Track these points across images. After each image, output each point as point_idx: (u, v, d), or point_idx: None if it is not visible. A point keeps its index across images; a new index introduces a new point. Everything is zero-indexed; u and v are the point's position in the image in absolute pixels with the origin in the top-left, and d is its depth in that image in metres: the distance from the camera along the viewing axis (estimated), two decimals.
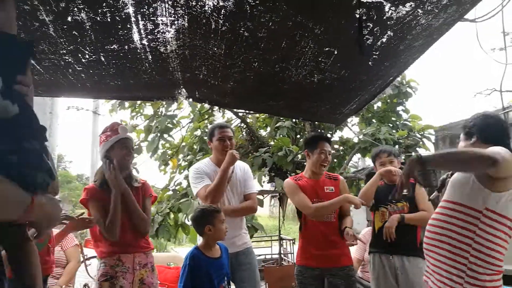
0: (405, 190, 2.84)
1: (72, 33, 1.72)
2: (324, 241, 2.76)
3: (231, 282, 2.49)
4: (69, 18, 1.63)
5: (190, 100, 2.96)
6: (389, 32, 1.93)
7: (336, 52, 2.09)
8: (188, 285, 2.30)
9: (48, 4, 1.51)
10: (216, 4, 1.70)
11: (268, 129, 6.96)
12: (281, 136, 6.09)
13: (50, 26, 1.64)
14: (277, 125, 6.23)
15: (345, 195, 2.76)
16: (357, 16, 1.71)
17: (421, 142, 5.99)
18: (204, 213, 2.37)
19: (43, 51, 1.82)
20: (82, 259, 3.74)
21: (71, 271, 3.36)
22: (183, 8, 1.72)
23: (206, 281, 2.32)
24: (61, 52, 1.86)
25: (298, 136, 6.50)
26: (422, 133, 6.04)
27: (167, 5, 1.69)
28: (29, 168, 0.91)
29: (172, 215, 5.19)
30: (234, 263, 2.64)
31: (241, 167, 2.92)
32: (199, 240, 2.50)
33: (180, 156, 6.15)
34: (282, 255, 6.42)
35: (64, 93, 2.53)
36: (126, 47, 1.92)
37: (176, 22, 1.81)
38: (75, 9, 1.58)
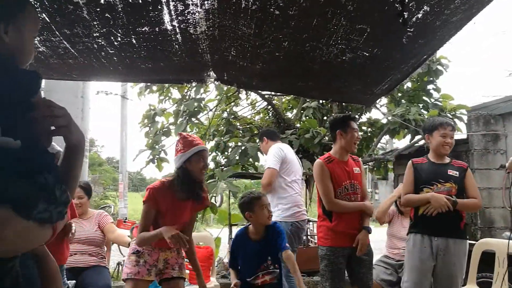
0: (455, 172, 2.86)
1: (105, 16, 1.74)
2: (353, 220, 2.86)
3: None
4: (102, 1, 1.64)
5: (219, 82, 2.96)
6: (425, 7, 1.85)
7: (368, 30, 2.02)
8: (230, 260, 2.73)
9: None
10: None
11: (294, 111, 6.91)
12: (307, 117, 6.04)
13: (84, 8, 1.66)
14: (304, 106, 6.17)
15: (364, 203, 2.90)
16: None
17: (452, 123, 5.80)
18: (244, 200, 2.63)
19: (77, 34, 1.85)
20: None
21: (121, 235, 3.64)
22: None
23: (245, 260, 2.60)
24: (94, 35, 1.88)
25: (325, 117, 6.42)
26: (454, 113, 5.84)
27: None
28: (48, 204, 0.89)
29: None
30: None
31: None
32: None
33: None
34: (309, 237, 6.44)
35: (97, 76, 2.58)
36: (157, 29, 1.93)
37: (206, 2, 1.80)
38: None
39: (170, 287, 2.55)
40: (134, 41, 2.01)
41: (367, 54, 2.25)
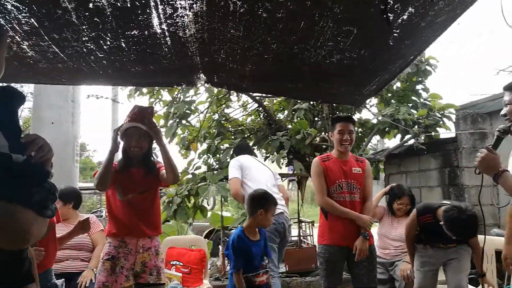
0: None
1: (94, 20, 1.74)
2: (348, 220, 2.86)
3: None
4: (91, 5, 1.65)
5: (209, 85, 2.97)
6: (410, 9, 1.88)
7: (355, 31, 2.06)
8: (237, 264, 2.52)
9: None
10: None
11: (286, 112, 6.94)
12: (298, 118, 6.08)
13: (72, 13, 1.66)
14: (295, 107, 6.20)
15: (360, 216, 2.86)
16: None
17: (441, 122, 5.88)
18: (263, 196, 2.65)
19: (66, 38, 1.86)
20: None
21: (100, 254, 3.48)
22: None
23: (249, 261, 2.54)
24: (84, 39, 1.89)
25: (316, 118, 6.46)
26: (442, 112, 5.91)
27: None
28: (47, 202, 1.08)
29: (190, 198, 5.29)
30: None
31: None
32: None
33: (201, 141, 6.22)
34: (301, 238, 6.47)
35: (87, 80, 2.58)
36: (146, 32, 1.93)
37: (194, 5, 1.81)
38: None
39: None
40: (124, 45, 2.02)
41: (354, 55, 2.28)
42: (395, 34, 2.08)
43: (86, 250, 3.44)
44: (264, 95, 6.43)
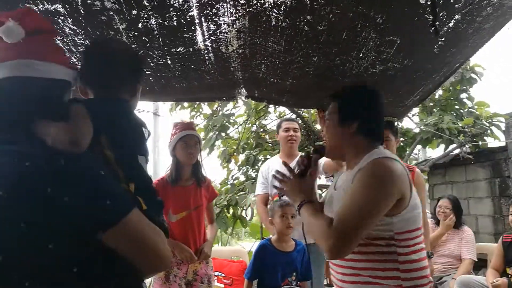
0: None
1: (142, 39, 1.83)
2: None
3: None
4: (140, 25, 1.73)
5: (249, 99, 3.01)
6: (456, 16, 1.84)
7: (398, 41, 2.03)
8: (250, 271, 2.53)
9: (122, 13, 1.62)
10: (276, 0, 1.72)
11: None
12: None
13: (123, 33, 1.75)
14: None
15: None
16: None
17: (489, 131, 5.62)
18: (270, 207, 2.54)
19: None
20: None
21: None
22: (244, 7, 1.76)
23: (269, 271, 2.43)
24: None
25: None
26: (491, 120, 5.65)
27: (228, 5, 1.73)
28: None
29: (230, 208, 5.36)
30: None
31: None
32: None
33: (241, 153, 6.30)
34: None
35: None
36: (190, 49, 2.00)
37: (237, 21, 1.86)
38: (145, 15, 1.67)
39: None
40: (169, 62, 2.09)
41: (397, 66, 2.25)
42: (440, 42, 2.04)
43: None
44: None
